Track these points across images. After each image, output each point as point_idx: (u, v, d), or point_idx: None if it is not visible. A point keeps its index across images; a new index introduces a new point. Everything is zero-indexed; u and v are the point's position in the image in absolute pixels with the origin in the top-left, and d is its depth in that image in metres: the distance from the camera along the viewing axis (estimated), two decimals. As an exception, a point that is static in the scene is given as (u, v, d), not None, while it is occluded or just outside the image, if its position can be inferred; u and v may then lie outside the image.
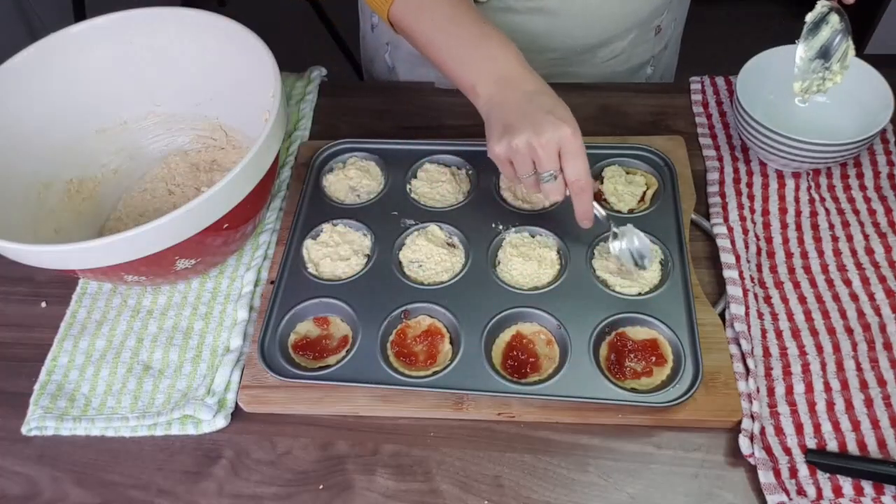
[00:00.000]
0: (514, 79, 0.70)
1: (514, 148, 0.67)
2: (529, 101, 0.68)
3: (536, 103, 0.68)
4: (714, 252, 0.78)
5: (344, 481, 0.67)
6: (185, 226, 0.65)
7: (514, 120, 0.67)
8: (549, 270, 0.76)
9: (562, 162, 0.68)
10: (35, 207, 0.80)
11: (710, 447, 0.66)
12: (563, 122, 0.66)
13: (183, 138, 0.91)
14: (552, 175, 0.68)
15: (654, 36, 1.00)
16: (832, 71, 0.76)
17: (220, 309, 0.78)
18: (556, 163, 0.67)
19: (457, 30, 0.73)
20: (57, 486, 0.69)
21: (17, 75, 0.79)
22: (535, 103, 0.68)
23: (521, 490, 0.65)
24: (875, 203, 0.79)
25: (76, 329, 0.78)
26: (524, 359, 0.70)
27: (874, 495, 0.61)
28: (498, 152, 0.69)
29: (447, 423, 0.69)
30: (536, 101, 0.68)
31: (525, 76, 0.70)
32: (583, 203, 0.70)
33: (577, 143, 0.67)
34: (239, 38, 0.79)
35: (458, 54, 0.73)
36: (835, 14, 0.73)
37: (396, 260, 0.79)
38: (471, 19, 0.73)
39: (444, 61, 0.74)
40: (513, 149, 0.67)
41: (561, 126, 0.66)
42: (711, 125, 0.90)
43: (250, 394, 0.71)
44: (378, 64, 1.10)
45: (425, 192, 0.85)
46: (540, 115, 0.67)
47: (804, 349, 0.69)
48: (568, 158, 0.67)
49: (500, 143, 0.68)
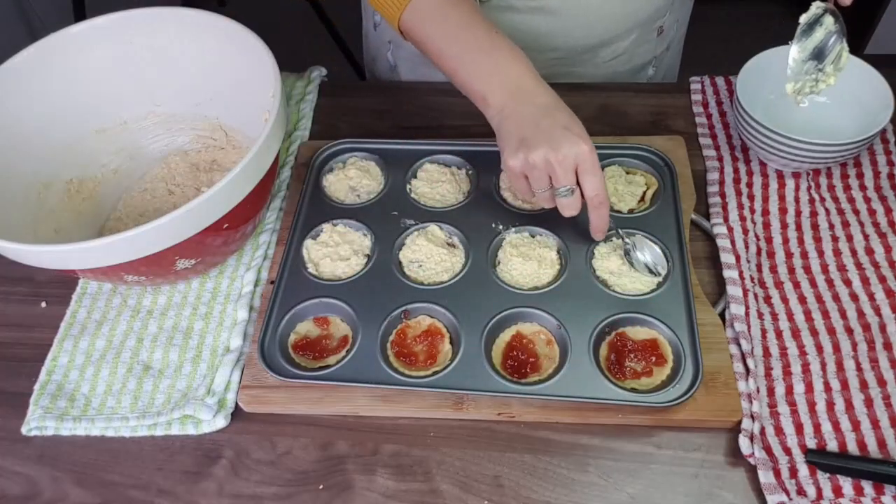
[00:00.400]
0: (527, 91, 0.70)
1: (531, 163, 0.67)
2: (545, 116, 0.68)
3: (552, 118, 0.68)
4: (714, 252, 0.78)
5: (344, 481, 0.67)
6: (185, 226, 0.65)
7: (530, 134, 0.67)
8: (549, 270, 0.76)
9: (579, 178, 0.68)
10: (35, 207, 0.80)
11: (710, 447, 0.66)
12: (579, 138, 0.67)
13: (183, 138, 0.91)
14: (570, 190, 0.69)
15: (657, 37, 1.00)
16: (825, 73, 0.76)
17: (220, 309, 0.78)
18: (573, 178, 0.68)
19: (467, 38, 0.73)
20: (57, 486, 0.69)
21: (17, 75, 0.79)
22: (551, 118, 0.68)
23: (521, 490, 0.65)
24: (875, 203, 0.79)
25: (76, 329, 0.78)
26: (524, 359, 0.70)
27: (874, 495, 0.61)
28: (513, 166, 0.69)
29: (447, 423, 0.69)
30: (552, 117, 0.68)
31: (538, 88, 0.71)
32: (601, 217, 0.71)
33: (594, 159, 0.67)
34: (239, 38, 0.79)
35: (469, 63, 0.73)
36: (829, 16, 0.73)
37: (396, 260, 0.79)
38: (483, 29, 0.73)
39: (454, 70, 0.74)
40: (529, 164, 0.68)
41: (578, 142, 0.66)
42: (711, 125, 0.90)
43: (250, 394, 0.71)
44: (380, 63, 1.10)
45: (425, 192, 0.85)
46: (557, 131, 0.67)
47: (804, 349, 0.69)
48: (586, 174, 0.68)
49: (515, 158, 0.68)
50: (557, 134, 0.67)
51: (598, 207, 0.70)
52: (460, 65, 0.73)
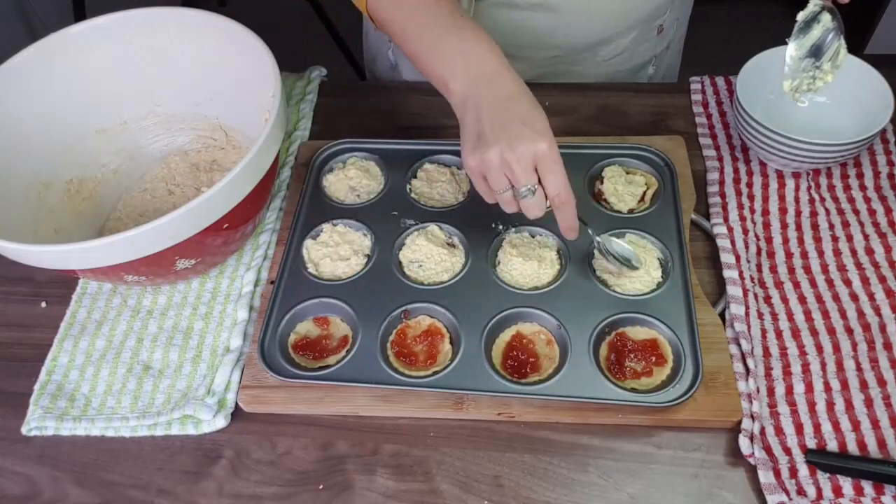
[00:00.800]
0: (489, 77, 0.66)
1: (486, 162, 0.63)
2: (504, 109, 0.64)
3: (512, 111, 0.63)
4: (714, 252, 0.78)
5: (344, 481, 0.67)
6: (185, 226, 0.65)
7: (487, 129, 0.63)
8: (549, 270, 0.76)
9: (540, 177, 0.64)
10: (35, 207, 0.80)
11: (710, 447, 0.66)
12: (538, 134, 0.62)
13: (183, 138, 0.91)
14: (530, 190, 0.64)
15: (657, 35, 1.00)
16: (823, 70, 0.76)
17: (220, 309, 0.78)
18: (533, 177, 0.63)
19: (429, 20, 0.69)
20: (57, 486, 0.69)
21: (17, 75, 0.79)
22: (511, 111, 0.63)
23: (521, 490, 0.65)
24: (875, 203, 0.79)
25: (76, 329, 0.78)
26: (524, 359, 0.70)
27: (874, 495, 0.61)
28: (471, 165, 0.65)
29: (447, 423, 0.69)
30: (512, 109, 0.64)
31: (502, 74, 0.66)
32: (567, 217, 0.67)
33: (554, 156, 0.62)
34: (239, 38, 0.79)
35: (430, 46, 0.69)
36: (827, 13, 0.73)
37: (396, 260, 0.79)
38: (447, 10, 0.69)
39: (416, 53, 0.70)
40: (486, 163, 0.63)
41: (536, 140, 0.61)
42: (711, 125, 0.90)
43: (250, 394, 0.71)
44: (381, 61, 1.10)
45: (425, 192, 0.85)
46: (515, 126, 0.62)
47: (804, 349, 0.69)
48: (546, 173, 0.63)
49: (472, 156, 0.64)
50: (515, 129, 0.62)
51: (560, 206, 0.65)
52: (421, 46, 0.69)
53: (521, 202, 0.66)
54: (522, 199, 0.65)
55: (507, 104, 0.64)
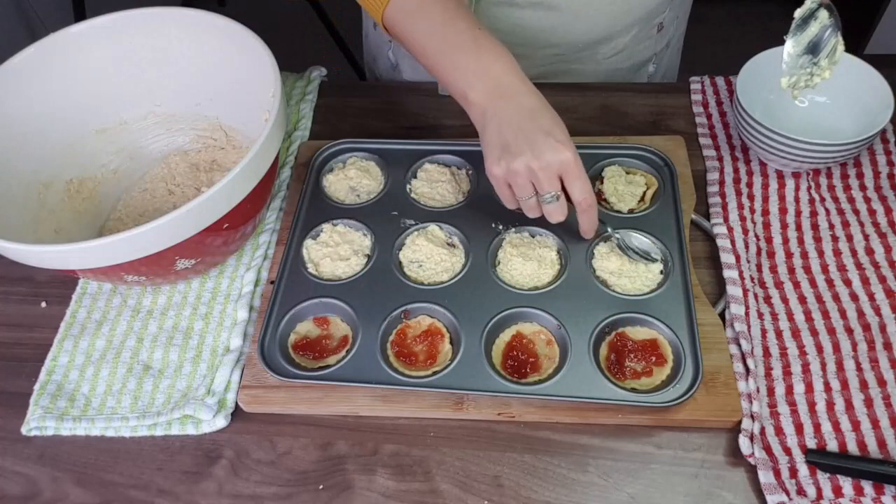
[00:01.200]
0: (509, 91, 0.68)
1: (513, 171, 0.67)
2: (527, 120, 0.67)
3: (535, 123, 0.66)
4: (714, 252, 0.78)
5: (344, 481, 0.67)
6: (185, 226, 0.65)
7: (512, 140, 0.66)
8: (549, 270, 0.76)
9: (565, 184, 0.68)
10: (35, 207, 0.80)
11: (710, 447, 0.66)
12: (562, 144, 0.66)
13: (183, 138, 0.91)
14: (554, 196, 0.68)
15: (657, 33, 1.00)
16: (820, 66, 0.76)
17: (220, 309, 0.78)
18: (557, 184, 0.67)
19: (449, 35, 0.71)
20: (57, 486, 0.69)
21: (17, 75, 0.79)
22: (534, 123, 0.66)
23: (521, 490, 0.65)
24: (875, 203, 0.79)
25: (76, 329, 0.78)
26: (524, 359, 0.70)
27: (874, 495, 0.61)
28: (496, 174, 0.68)
29: (447, 423, 0.69)
30: (535, 121, 0.67)
31: (521, 88, 0.69)
32: (591, 219, 0.71)
33: (578, 165, 0.66)
34: (239, 38, 0.79)
35: (451, 60, 0.71)
36: (824, 10, 0.73)
37: (396, 260, 0.79)
38: (466, 25, 0.71)
39: (436, 67, 0.73)
40: (512, 172, 0.67)
41: (560, 150, 0.65)
42: (711, 125, 0.90)
43: (250, 394, 0.71)
44: (381, 61, 1.10)
45: (425, 192, 0.85)
46: (539, 137, 0.65)
47: (804, 349, 0.69)
48: (572, 180, 0.67)
49: (498, 165, 0.68)
50: (540, 140, 0.65)
51: (586, 210, 0.70)
52: (442, 61, 0.72)
53: (544, 207, 0.70)
54: (546, 205, 0.70)
55: (529, 116, 0.67)
